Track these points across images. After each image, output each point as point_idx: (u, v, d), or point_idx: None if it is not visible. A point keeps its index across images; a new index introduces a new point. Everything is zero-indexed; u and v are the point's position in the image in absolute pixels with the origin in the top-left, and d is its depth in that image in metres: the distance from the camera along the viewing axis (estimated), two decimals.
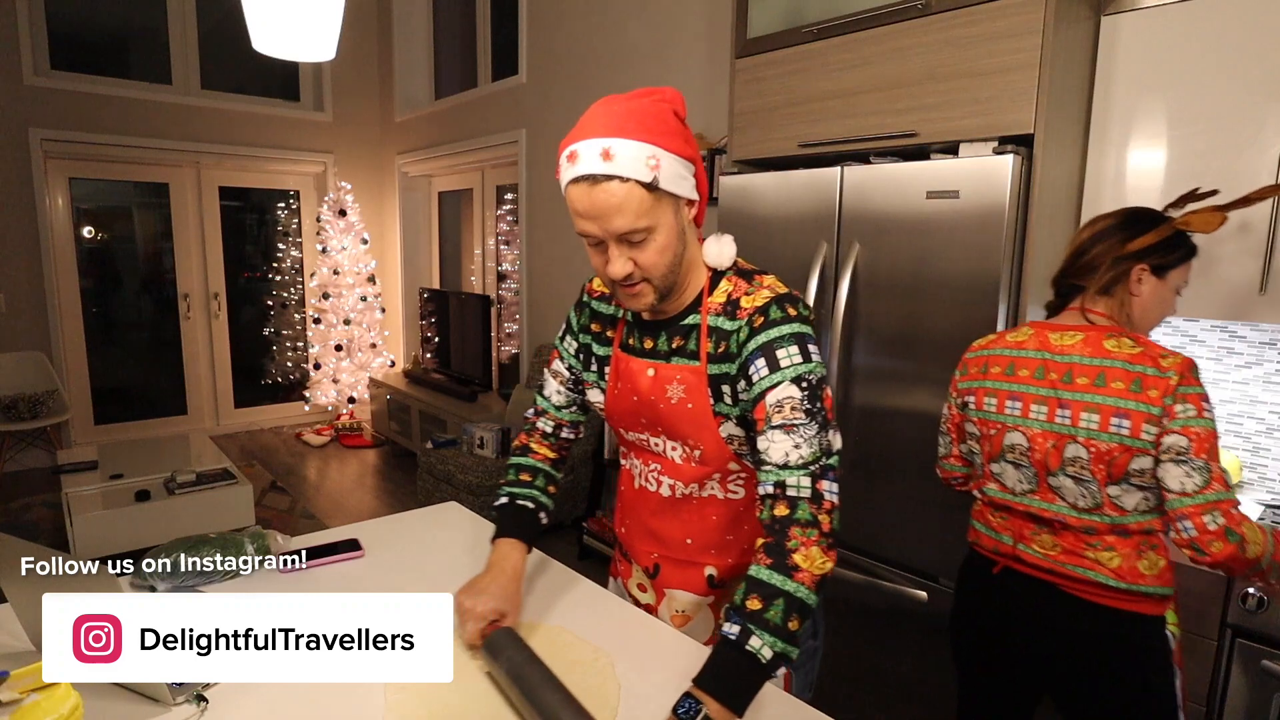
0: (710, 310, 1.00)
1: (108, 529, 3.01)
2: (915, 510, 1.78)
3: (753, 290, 0.99)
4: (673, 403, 1.01)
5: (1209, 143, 1.59)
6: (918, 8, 1.72)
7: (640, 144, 0.88)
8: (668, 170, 0.90)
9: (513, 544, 1.11)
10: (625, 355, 1.08)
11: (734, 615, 0.84)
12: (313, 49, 1.49)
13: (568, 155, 0.91)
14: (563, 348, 1.18)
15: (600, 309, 1.13)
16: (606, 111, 0.90)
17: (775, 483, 0.90)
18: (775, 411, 0.92)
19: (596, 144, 0.88)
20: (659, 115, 0.91)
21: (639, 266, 0.93)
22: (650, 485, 1.10)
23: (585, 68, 3.75)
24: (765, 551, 0.87)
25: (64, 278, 4.71)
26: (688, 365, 1.00)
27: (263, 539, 1.27)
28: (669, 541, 1.11)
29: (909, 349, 1.76)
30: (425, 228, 5.81)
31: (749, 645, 0.81)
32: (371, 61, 5.71)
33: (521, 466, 1.20)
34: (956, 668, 1.43)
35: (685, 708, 0.79)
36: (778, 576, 0.84)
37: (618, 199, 0.88)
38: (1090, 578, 1.17)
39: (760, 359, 0.94)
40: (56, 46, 4.53)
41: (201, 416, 5.41)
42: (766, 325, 0.95)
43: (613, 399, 1.10)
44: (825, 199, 1.88)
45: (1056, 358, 1.21)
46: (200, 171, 5.17)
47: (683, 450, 1.05)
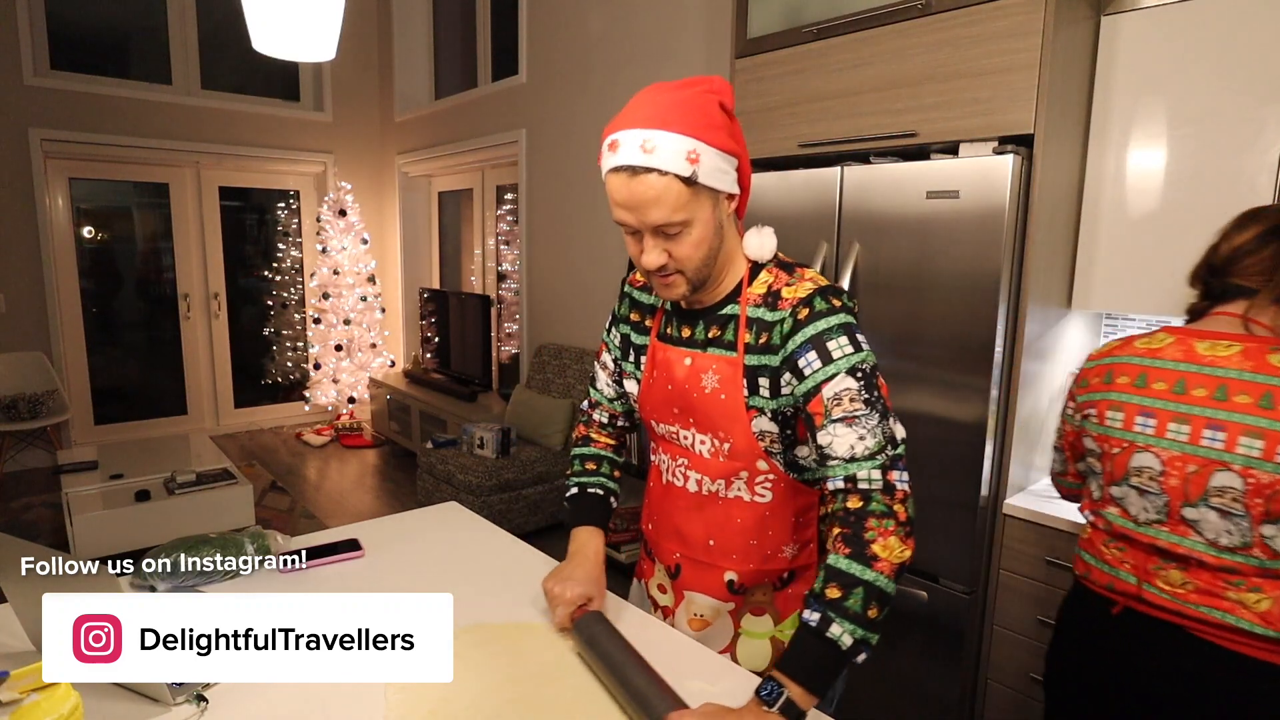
0: (750, 301, 1.00)
1: (108, 529, 3.01)
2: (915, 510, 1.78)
3: (794, 282, 0.98)
4: (706, 392, 1.01)
5: (1209, 143, 1.59)
6: (918, 8, 1.72)
7: (681, 137, 0.86)
8: (708, 164, 0.89)
9: (591, 531, 1.15)
10: (662, 345, 1.08)
11: (813, 602, 0.84)
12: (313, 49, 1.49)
13: (609, 144, 0.89)
14: (608, 340, 1.19)
15: (640, 298, 1.14)
16: (651, 100, 0.89)
17: (846, 477, 0.89)
18: (834, 405, 0.90)
19: (637, 134, 0.87)
20: (703, 107, 0.89)
21: (673, 258, 0.93)
22: (678, 481, 1.09)
23: (585, 68, 3.75)
24: (843, 541, 0.86)
25: (64, 278, 4.71)
26: (724, 356, 1.00)
27: (263, 539, 1.27)
28: (692, 541, 1.10)
29: (909, 349, 1.76)
30: (425, 228, 5.81)
31: (829, 632, 0.82)
32: (371, 61, 5.71)
33: (586, 456, 1.23)
34: (1053, 713, 1.29)
35: (768, 690, 0.81)
36: (857, 565, 0.84)
37: (655, 191, 0.87)
38: (1229, 622, 1.02)
39: (811, 351, 0.92)
40: (56, 46, 4.53)
41: (201, 416, 5.41)
42: (813, 317, 0.93)
43: (647, 388, 1.10)
44: (825, 199, 1.88)
45: (1206, 370, 1.05)
46: (200, 171, 5.17)
47: (712, 444, 1.03)
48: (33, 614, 0.94)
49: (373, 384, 5.33)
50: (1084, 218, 1.78)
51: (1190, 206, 1.62)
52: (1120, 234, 1.73)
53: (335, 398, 5.30)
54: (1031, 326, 1.66)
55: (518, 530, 3.53)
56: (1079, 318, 1.88)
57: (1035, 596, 1.67)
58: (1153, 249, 1.68)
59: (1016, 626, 1.71)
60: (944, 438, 1.71)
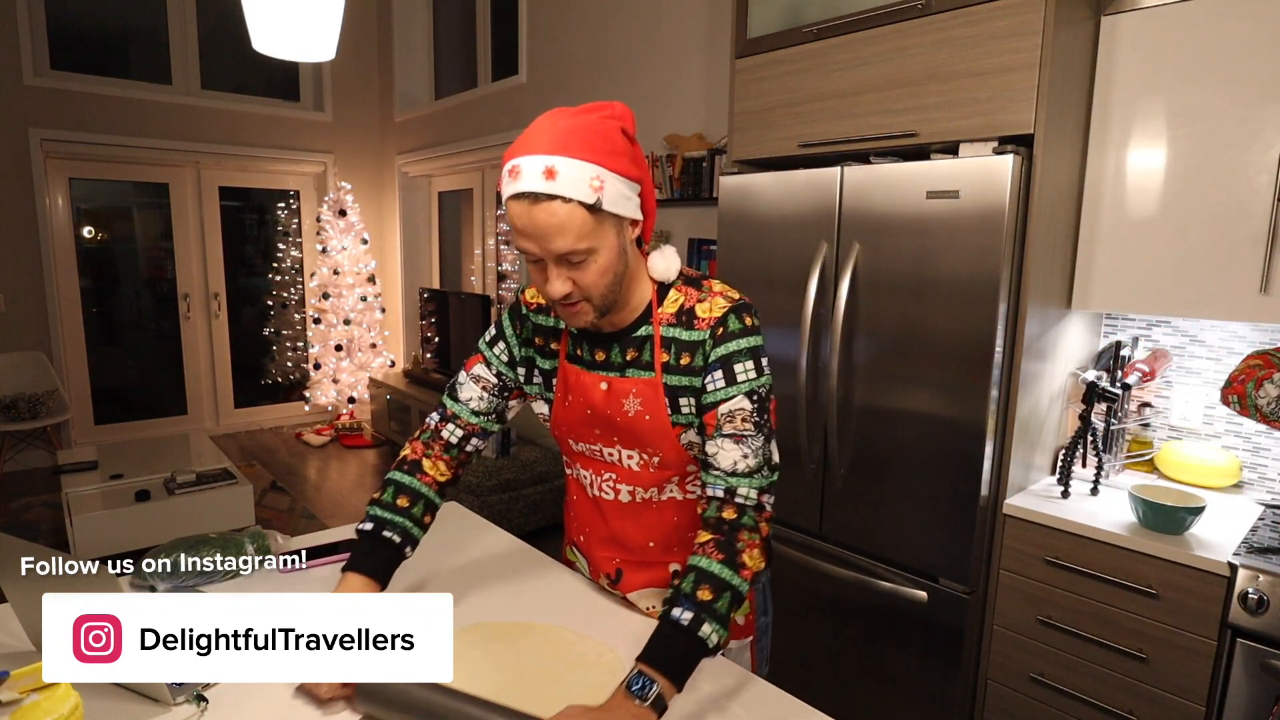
0: (663, 320, 1.00)
1: (108, 529, 3.01)
2: (915, 510, 1.78)
3: (705, 297, 1.00)
4: (630, 415, 1.01)
5: (1209, 143, 1.59)
6: (918, 8, 1.72)
7: (585, 164, 0.85)
8: (611, 191, 0.88)
9: (366, 582, 1.01)
10: (574, 368, 1.06)
11: (685, 602, 0.88)
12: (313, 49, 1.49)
13: (509, 170, 0.87)
14: (491, 354, 1.12)
15: (541, 322, 1.10)
16: (552, 126, 0.87)
17: (726, 489, 0.96)
18: (727, 421, 0.96)
19: (540, 161, 0.85)
20: (606, 134, 0.88)
21: (578, 286, 0.92)
22: (607, 494, 1.09)
23: (585, 68, 3.75)
24: (716, 547, 0.92)
25: (64, 278, 4.71)
26: (643, 378, 1.00)
27: (263, 539, 1.27)
28: (631, 546, 1.11)
29: (909, 349, 1.76)
30: (425, 228, 5.81)
31: (700, 632, 0.87)
32: (371, 61, 5.71)
33: (403, 487, 1.08)
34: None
35: (640, 684, 0.83)
36: (727, 571, 0.91)
37: (559, 219, 0.86)
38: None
39: (718, 370, 0.97)
40: (56, 46, 4.53)
41: (201, 416, 5.41)
42: (726, 337, 0.97)
43: (562, 411, 1.08)
44: (825, 199, 1.88)
45: None
46: (200, 171, 5.16)
47: (640, 458, 1.05)
48: (33, 614, 0.94)
49: (373, 384, 5.33)
50: (1084, 218, 1.78)
51: (1190, 206, 1.62)
52: (1120, 234, 1.73)
53: (335, 398, 5.30)
54: (1031, 326, 1.66)
55: (518, 530, 3.53)
56: (1079, 318, 1.88)
57: (1035, 596, 1.67)
58: (1153, 249, 1.68)
59: (1016, 626, 1.71)
60: (944, 438, 1.71)
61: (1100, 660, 1.59)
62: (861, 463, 1.87)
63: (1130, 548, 1.53)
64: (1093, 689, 1.61)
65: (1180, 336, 1.89)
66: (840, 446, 1.90)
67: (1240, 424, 1.82)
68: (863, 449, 1.87)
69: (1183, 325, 1.89)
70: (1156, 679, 1.52)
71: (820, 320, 1.91)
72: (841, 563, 1.95)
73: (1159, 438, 1.94)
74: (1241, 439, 1.83)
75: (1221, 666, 1.44)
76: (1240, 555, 1.42)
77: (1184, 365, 1.89)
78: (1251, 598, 1.38)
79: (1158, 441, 1.93)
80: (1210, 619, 1.44)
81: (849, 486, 1.90)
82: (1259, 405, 1.29)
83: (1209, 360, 1.85)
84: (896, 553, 1.83)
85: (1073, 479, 1.74)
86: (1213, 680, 1.45)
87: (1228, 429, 1.84)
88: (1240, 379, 1.33)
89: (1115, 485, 1.80)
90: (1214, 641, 1.44)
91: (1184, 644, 1.48)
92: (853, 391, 1.88)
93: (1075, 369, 1.88)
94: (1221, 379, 1.83)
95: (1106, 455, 1.84)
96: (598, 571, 1.19)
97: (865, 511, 1.88)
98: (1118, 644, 1.56)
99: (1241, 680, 1.41)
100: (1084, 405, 1.75)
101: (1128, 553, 1.53)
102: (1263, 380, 1.28)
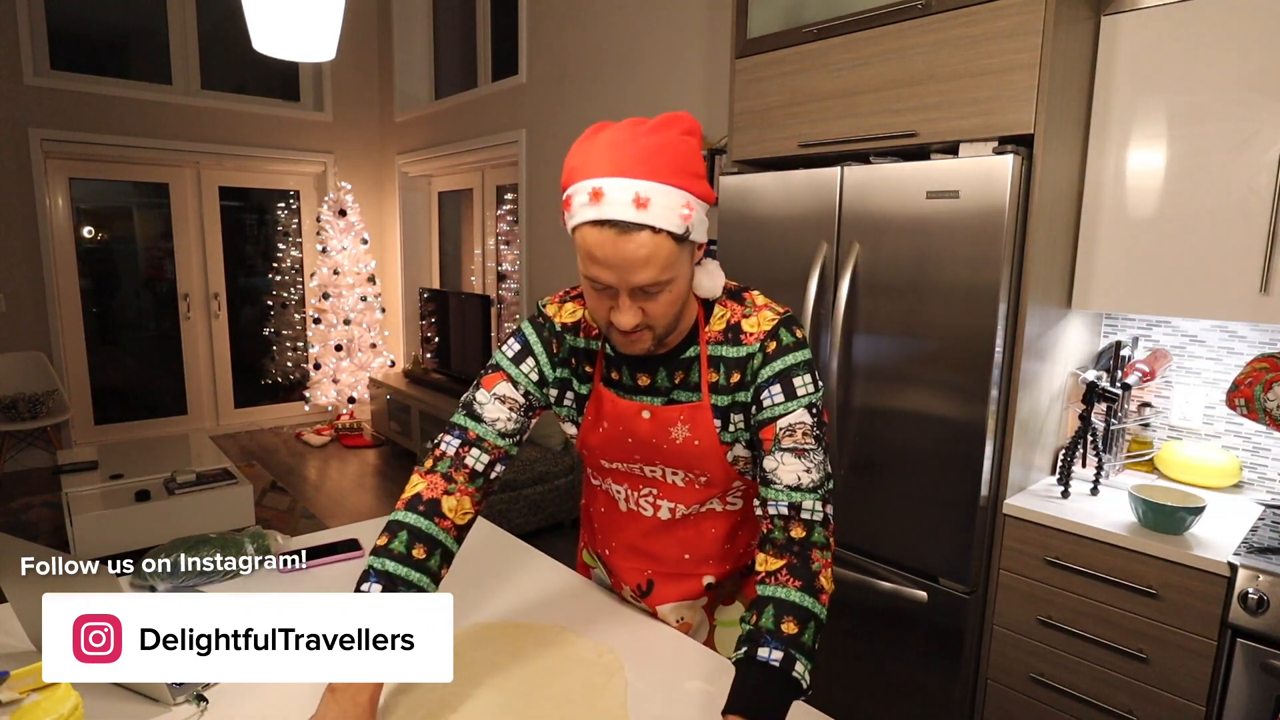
0: (710, 339, 0.96)
1: (108, 529, 3.01)
2: (915, 510, 1.78)
3: (750, 312, 0.96)
4: (678, 443, 0.97)
5: (1209, 143, 1.59)
6: (918, 8, 1.72)
7: (677, 190, 0.79)
8: (697, 219, 0.83)
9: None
10: (610, 394, 1.00)
11: (772, 640, 0.80)
12: (313, 49, 1.49)
13: (591, 191, 0.78)
14: (517, 371, 1.01)
15: (577, 343, 1.02)
16: (635, 144, 0.79)
17: (790, 504, 0.89)
18: (787, 435, 0.91)
19: (629, 186, 0.77)
20: (690, 153, 0.82)
21: (648, 315, 0.86)
22: (645, 510, 1.06)
23: (585, 68, 3.75)
24: (791, 574, 0.85)
25: (64, 278, 4.71)
26: (691, 403, 0.96)
27: (263, 539, 1.27)
28: (665, 559, 1.08)
29: (909, 349, 1.76)
30: (425, 228, 5.81)
31: (795, 672, 0.79)
32: (371, 61, 5.71)
33: (417, 534, 0.91)
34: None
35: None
36: (809, 599, 0.84)
37: (647, 251, 0.79)
38: None
39: (776, 385, 0.92)
40: (56, 46, 4.53)
41: (201, 416, 5.41)
42: (780, 351, 0.93)
43: (595, 436, 1.02)
44: (825, 199, 1.88)
45: None
46: (200, 171, 5.16)
47: (685, 476, 1.01)
48: (33, 614, 0.94)
49: (373, 384, 5.33)
50: (1084, 218, 1.78)
51: (1190, 206, 1.62)
52: (1120, 234, 1.73)
53: (335, 398, 5.30)
54: (1031, 326, 1.66)
55: (518, 530, 3.53)
56: (1079, 318, 1.88)
57: (1035, 596, 1.67)
58: (1153, 249, 1.68)
59: (1016, 626, 1.71)
60: (944, 438, 1.71)
61: (1100, 660, 1.59)
62: (861, 463, 1.87)
63: (1130, 548, 1.53)
64: (1093, 689, 1.61)
65: (1180, 336, 1.89)
66: (840, 446, 1.90)
67: (1240, 424, 1.82)
68: (863, 449, 1.87)
69: (1183, 325, 1.89)
70: (1156, 679, 1.52)
71: (820, 320, 1.91)
72: (841, 563, 1.95)
73: (1159, 438, 1.94)
74: (1241, 439, 1.83)
75: (1221, 666, 1.44)
76: (1240, 555, 1.42)
77: (1184, 365, 1.89)
78: (1251, 598, 1.38)
79: (1158, 441, 1.93)
80: (1210, 619, 1.44)
81: (849, 486, 1.90)
82: (1268, 408, 1.28)
83: (1209, 360, 1.85)
84: (896, 553, 1.83)
85: (1073, 479, 1.75)
86: (1213, 680, 1.45)
87: (1228, 429, 1.84)
88: (1247, 382, 1.33)
89: (1115, 485, 1.80)
90: (1214, 641, 1.44)
91: (1184, 644, 1.48)
92: (853, 391, 1.88)
93: (1075, 369, 1.88)
94: (1221, 379, 1.84)
95: (1106, 455, 1.84)
96: (622, 583, 1.15)
97: (865, 511, 1.88)
98: (1118, 644, 1.56)
99: (1241, 680, 1.41)
100: (1084, 405, 1.75)
101: (1128, 553, 1.53)
102: (1271, 383, 1.28)
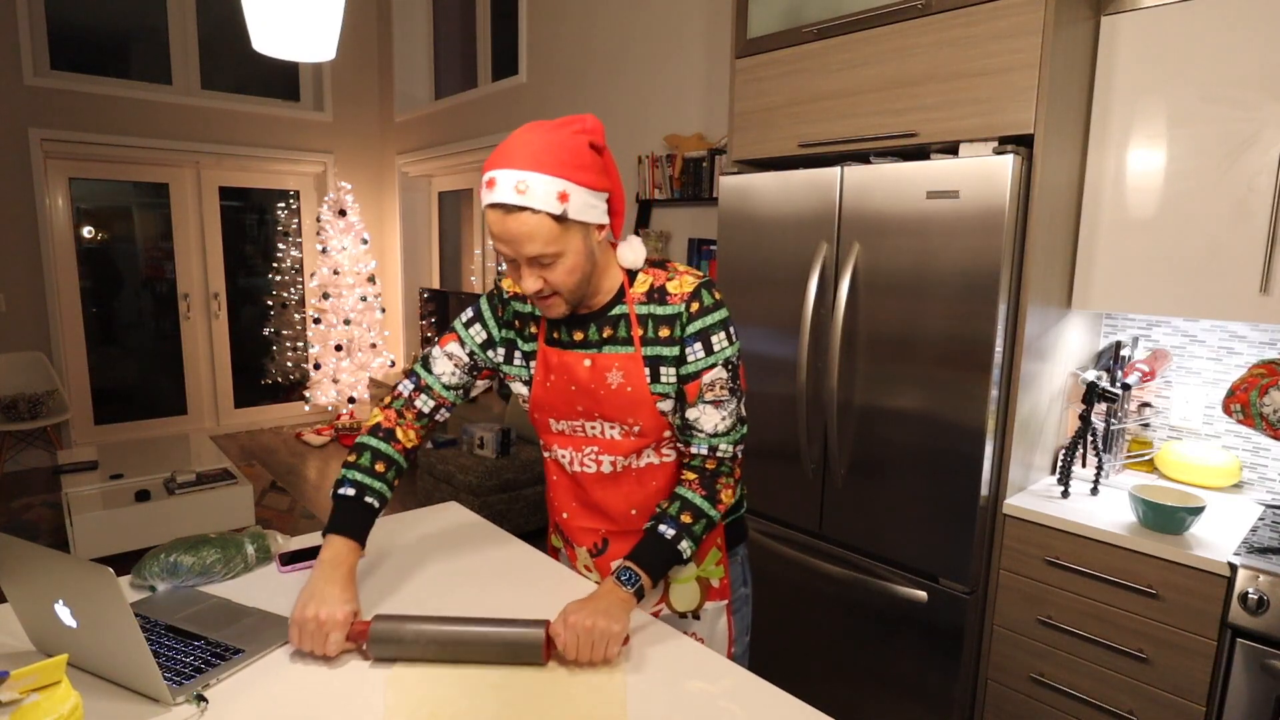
0: (636, 300, 1.13)
1: (108, 529, 3.01)
2: (915, 510, 1.78)
3: (673, 276, 1.13)
4: (612, 388, 1.12)
5: (1209, 143, 1.59)
6: (918, 8, 1.72)
7: (552, 179, 0.96)
8: (577, 202, 0.98)
9: (350, 546, 1.08)
10: (554, 350, 1.16)
11: (670, 522, 1.09)
12: (313, 49, 1.49)
13: (486, 180, 0.98)
14: (466, 334, 1.22)
15: (520, 309, 1.20)
16: (525, 142, 0.97)
17: (709, 448, 1.14)
18: (708, 389, 1.11)
19: (512, 175, 0.95)
20: (575, 149, 0.98)
21: (549, 283, 1.03)
22: (589, 468, 1.19)
23: (585, 68, 3.75)
24: (700, 484, 1.13)
25: (64, 278, 4.71)
26: (623, 352, 1.12)
27: (263, 539, 1.27)
28: (614, 515, 1.21)
29: (909, 349, 1.76)
30: (425, 228, 5.81)
31: (680, 545, 1.09)
32: (371, 61, 5.71)
33: (379, 453, 1.16)
34: None
35: (627, 576, 1.05)
36: (707, 505, 1.12)
37: (528, 228, 0.97)
38: None
39: (697, 343, 1.10)
40: (56, 46, 4.53)
41: (201, 416, 5.41)
42: (701, 312, 1.11)
43: (544, 391, 1.17)
44: (825, 199, 1.88)
45: None
46: (200, 171, 5.17)
47: (621, 429, 1.15)
48: (33, 614, 0.94)
49: (373, 384, 5.33)
50: (1084, 218, 1.79)
51: (1190, 206, 1.62)
52: (1120, 234, 1.73)
53: (335, 398, 5.30)
54: (1031, 326, 1.66)
55: (518, 530, 3.54)
56: (1079, 318, 1.88)
57: (1035, 596, 1.68)
58: (1153, 249, 1.68)
59: (1016, 626, 1.71)
60: (944, 438, 1.71)
61: (1100, 660, 1.59)
62: (861, 462, 1.87)
63: (1130, 548, 1.53)
64: (1093, 689, 1.61)
65: (1180, 336, 1.89)
66: (840, 446, 1.90)
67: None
68: (863, 449, 1.87)
69: (1183, 325, 1.89)
70: (1156, 679, 1.52)
71: (820, 320, 1.91)
72: (841, 562, 1.95)
73: (1159, 438, 1.94)
74: (1241, 439, 1.83)
75: (1221, 666, 1.44)
76: (1240, 555, 1.42)
77: (1184, 365, 1.89)
78: (1251, 598, 1.38)
79: (1158, 441, 1.93)
80: (1210, 619, 1.44)
81: (849, 486, 1.90)
82: (1264, 414, 1.29)
83: (1209, 360, 1.85)
84: (896, 552, 1.84)
85: (1073, 479, 1.75)
86: (1213, 680, 1.45)
87: (1228, 429, 1.84)
88: (1243, 388, 1.33)
89: (1115, 485, 1.80)
90: (1214, 641, 1.44)
91: (1184, 644, 1.48)
92: (853, 391, 1.88)
93: (1075, 369, 1.88)
94: (1221, 379, 1.84)
95: (1106, 455, 1.84)
96: (578, 546, 1.26)
97: (865, 511, 1.88)
98: (1118, 644, 1.56)
99: (1241, 680, 1.41)
100: (1084, 405, 1.75)
101: (1128, 553, 1.53)
102: (1268, 388, 1.28)
